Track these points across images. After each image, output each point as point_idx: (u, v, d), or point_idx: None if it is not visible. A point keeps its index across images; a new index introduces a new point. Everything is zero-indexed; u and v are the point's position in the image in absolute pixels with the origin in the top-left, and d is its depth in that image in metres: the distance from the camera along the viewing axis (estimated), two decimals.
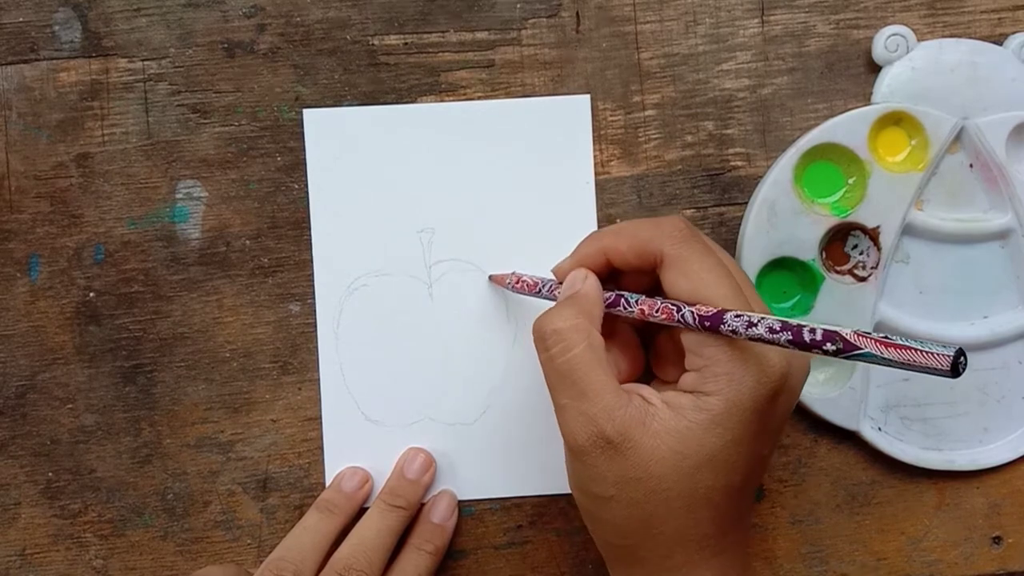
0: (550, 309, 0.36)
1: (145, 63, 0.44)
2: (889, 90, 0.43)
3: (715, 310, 0.34)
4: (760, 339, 0.32)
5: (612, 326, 0.38)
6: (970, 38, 0.44)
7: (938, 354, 0.28)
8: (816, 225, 0.43)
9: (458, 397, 0.44)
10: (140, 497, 0.44)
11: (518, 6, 0.44)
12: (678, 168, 0.44)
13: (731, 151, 0.44)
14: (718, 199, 0.44)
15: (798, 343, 0.31)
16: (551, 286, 0.40)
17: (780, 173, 0.43)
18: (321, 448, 0.44)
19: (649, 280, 0.37)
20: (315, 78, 0.44)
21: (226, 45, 0.44)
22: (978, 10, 0.45)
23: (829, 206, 0.44)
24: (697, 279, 0.35)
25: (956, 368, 0.28)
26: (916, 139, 0.43)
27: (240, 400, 0.44)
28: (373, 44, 0.44)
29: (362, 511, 0.43)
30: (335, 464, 0.44)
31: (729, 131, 0.44)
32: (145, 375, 0.44)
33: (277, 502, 0.44)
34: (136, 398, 0.44)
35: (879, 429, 0.44)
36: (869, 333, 0.30)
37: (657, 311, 0.35)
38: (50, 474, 0.44)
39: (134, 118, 0.44)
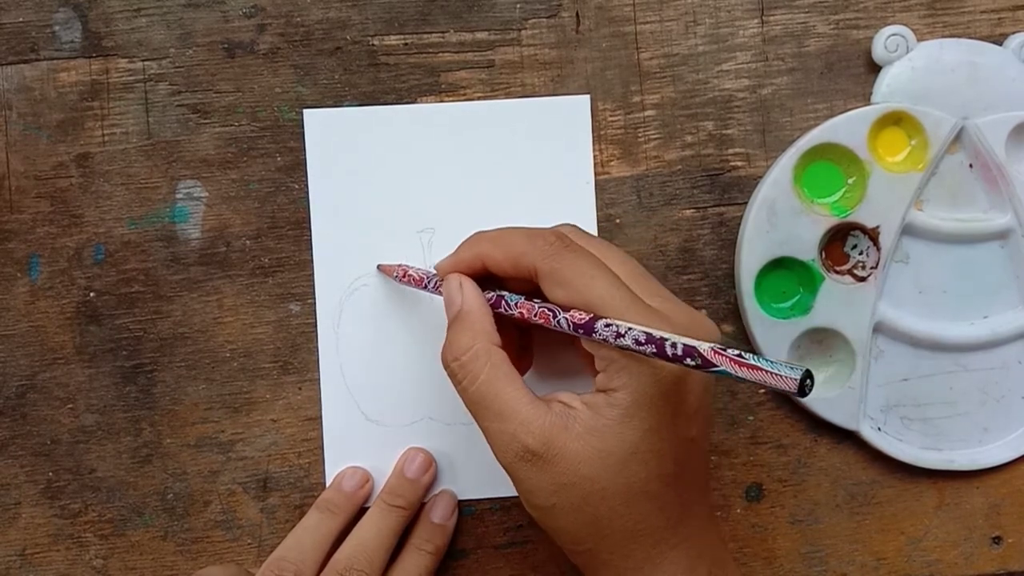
0: (448, 339, 0.37)
1: (145, 63, 0.44)
2: (889, 90, 0.43)
3: (588, 317, 0.34)
4: (629, 349, 0.33)
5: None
6: (970, 38, 0.44)
7: (786, 376, 0.29)
8: (816, 225, 0.43)
9: (458, 397, 0.44)
10: (140, 497, 0.44)
11: (518, 6, 0.44)
12: (678, 168, 0.44)
13: (731, 151, 0.44)
14: (718, 199, 0.44)
15: (661, 356, 0.32)
16: (436, 282, 0.40)
17: (780, 173, 0.43)
18: (321, 448, 0.44)
19: (530, 283, 0.37)
20: (315, 78, 0.44)
21: (226, 45, 0.44)
22: (978, 10, 0.45)
23: (829, 206, 0.44)
24: (571, 287, 0.35)
25: (803, 390, 0.29)
26: (916, 139, 0.44)
27: (240, 400, 0.44)
28: (373, 44, 0.44)
29: (363, 511, 0.43)
30: (335, 464, 0.44)
31: (729, 131, 0.44)
32: (145, 375, 0.44)
33: (277, 502, 0.44)
34: (136, 398, 0.44)
35: (879, 429, 0.44)
36: (725, 350, 0.31)
37: (535, 315, 0.36)
38: (50, 474, 0.44)
39: (134, 118, 0.44)
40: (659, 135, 0.44)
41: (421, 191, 0.44)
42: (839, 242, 0.44)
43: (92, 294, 0.44)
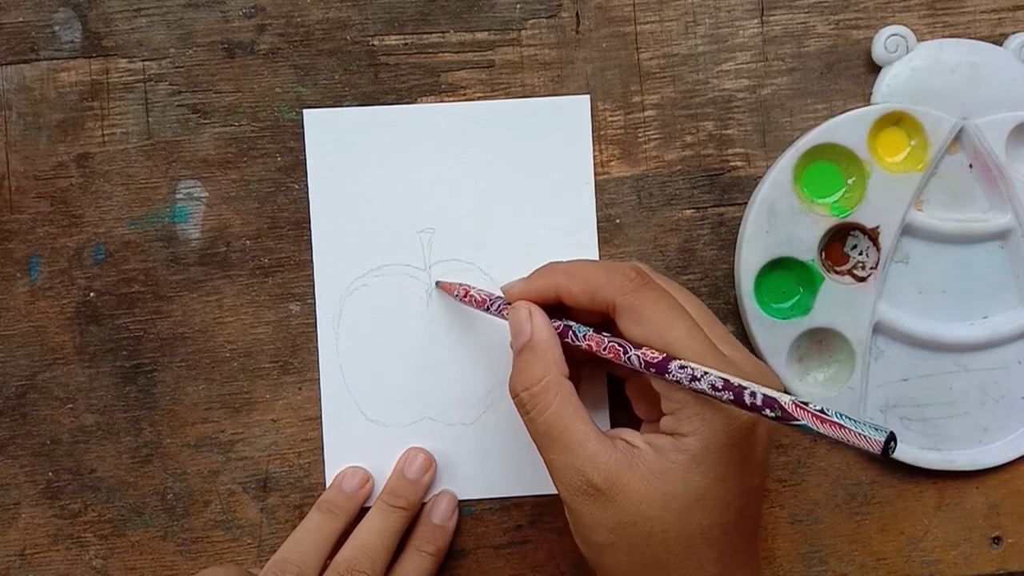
0: (517, 368, 0.37)
1: (145, 63, 0.44)
2: (889, 90, 0.44)
3: (661, 356, 0.34)
4: (703, 393, 0.33)
5: None
6: (970, 38, 0.44)
7: (870, 437, 0.29)
8: (815, 225, 0.43)
9: (458, 397, 0.44)
10: (140, 497, 0.44)
11: (518, 6, 0.44)
12: (678, 168, 0.44)
13: (731, 151, 0.44)
14: (718, 199, 0.44)
15: (738, 404, 0.32)
16: (499, 305, 0.40)
17: (780, 173, 0.43)
18: (321, 448, 0.44)
19: (600, 315, 0.37)
20: (315, 78, 0.44)
21: (226, 45, 0.44)
22: (978, 10, 0.45)
23: (829, 206, 0.44)
24: (650, 325, 0.35)
25: (887, 452, 0.29)
26: (916, 139, 0.44)
27: (240, 400, 0.44)
28: (373, 44, 0.44)
29: (363, 511, 0.43)
30: (335, 464, 0.44)
31: (729, 131, 0.44)
32: (145, 375, 0.44)
33: (277, 502, 0.44)
34: (136, 398, 0.44)
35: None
36: (807, 405, 0.30)
37: (605, 349, 0.36)
38: (50, 474, 0.44)
39: (134, 118, 0.44)
40: (659, 135, 0.44)
41: (421, 191, 0.44)
42: (839, 242, 0.44)
43: (92, 294, 0.44)
